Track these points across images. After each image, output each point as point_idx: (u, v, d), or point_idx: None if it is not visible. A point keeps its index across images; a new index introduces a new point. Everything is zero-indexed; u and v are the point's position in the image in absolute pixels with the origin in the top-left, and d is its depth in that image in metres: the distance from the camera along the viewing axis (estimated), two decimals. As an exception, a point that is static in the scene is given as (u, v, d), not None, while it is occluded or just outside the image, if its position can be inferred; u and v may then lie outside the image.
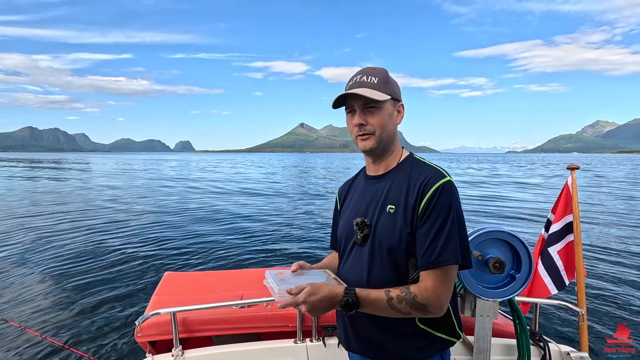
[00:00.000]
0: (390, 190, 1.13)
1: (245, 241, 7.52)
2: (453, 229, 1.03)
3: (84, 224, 9.09)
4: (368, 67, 1.15)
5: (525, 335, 1.68)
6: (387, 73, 1.15)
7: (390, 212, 1.10)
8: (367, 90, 1.08)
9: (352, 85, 1.12)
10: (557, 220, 1.96)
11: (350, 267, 1.19)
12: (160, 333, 1.74)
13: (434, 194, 1.03)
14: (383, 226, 1.10)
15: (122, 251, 6.58)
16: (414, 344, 1.10)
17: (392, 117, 1.13)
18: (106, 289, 4.76)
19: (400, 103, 1.17)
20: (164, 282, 2.23)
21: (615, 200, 13.72)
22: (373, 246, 1.11)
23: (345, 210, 1.29)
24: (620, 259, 6.21)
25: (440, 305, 1.03)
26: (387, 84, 1.12)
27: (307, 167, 47.74)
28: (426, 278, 1.03)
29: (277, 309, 1.83)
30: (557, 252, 1.95)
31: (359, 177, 1.31)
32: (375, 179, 1.20)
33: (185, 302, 1.87)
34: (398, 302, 1.02)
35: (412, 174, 1.11)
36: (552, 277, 1.96)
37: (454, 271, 1.05)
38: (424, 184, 1.05)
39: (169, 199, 14.41)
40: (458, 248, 1.03)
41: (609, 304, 4.45)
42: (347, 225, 1.22)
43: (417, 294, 1.02)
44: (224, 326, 1.80)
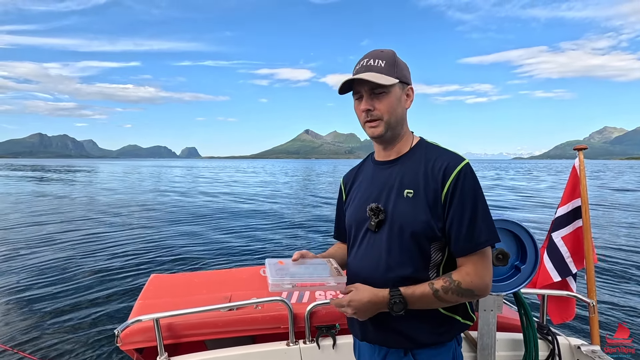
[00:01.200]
0: (406, 174, 1.09)
1: (234, 240, 7.45)
2: (480, 212, 1.02)
3: (69, 228, 8.97)
4: (375, 50, 1.12)
5: (532, 329, 1.60)
6: (395, 55, 1.11)
7: (408, 196, 1.06)
8: (374, 75, 1.05)
9: (359, 69, 1.09)
10: (563, 204, 1.85)
11: (364, 255, 1.13)
12: (145, 340, 1.66)
13: (457, 178, 1.02)
14: (402, 211, 1.06)
15: (108, 254, 6.45)
16: (435, 328, 1.08)
17: (400, 101, 1.10)
18: (91, 294, 4.59)
19: (410, 86, 1.13)
20: (149, 285, 2.16)
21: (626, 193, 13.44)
22: (391, 232, 1.07)
23: (353, 198, 1.23)
24: (632, 246, 6.01)
25: (486, 286, 1.02)
26: (396, 66, 1.08)
27: (309, 174, 47.84)
28: (466, 262, 1.03)
29: (268, 310, 1.77)
30: (561, 238, 1.84)
31: (366, 164, 1.27)
32: (387, 164, 1.16)
33: (171, 305, 1.79)
34: (444, 293, 1.01)
35: (428, 157, 1.08)
36: (555, 263, 1.85)
37: (489, 252, 1.05)
38: (445, 168, 1.03)
39: (159, 201, 14.43)
40: (489, 229, 1.02)
41: (621, 294, 4.28)
42: (358, 212, 1.17)
43: (461, 280, 1.01)
44: (211, 330, 1.72)
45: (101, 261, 6.02)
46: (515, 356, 1.71)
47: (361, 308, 1.02)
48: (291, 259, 1.15)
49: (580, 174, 1.79)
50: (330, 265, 1.13)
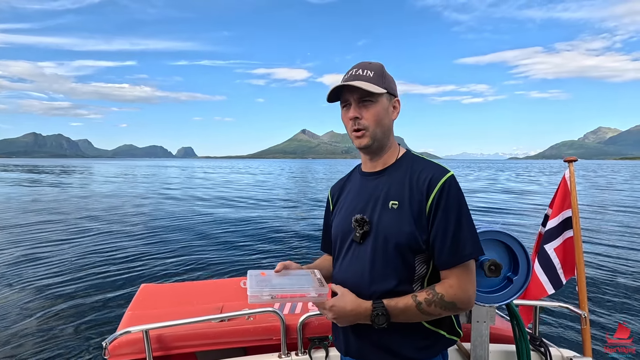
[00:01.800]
0: (392, 186, 1.10)
1: (226, 250, 7.33)
2: (464, 224, 1.03)
3: (57, 235, 8.76)
4: (364, 62, 1.13)
5: (524, 341, 1.59)
6: (383, 67, 1.13)
7: (393, 207, 1.06)
8: (363, 83, 1.06)
9: (347, 78, 1.10)
10: (554, 216, 1.85)
11: (348, 267, 1.13)
12: (134, 352, 1.63)
13: (441, 190, 1.02)
14: (387, 223, 1.06)
15: (97, 263, 6.29)
16: (418, 342, 1.07)
17: (387, 112, 1.11)
18: (79, 303, 4.47)
19: (396, 99, 1.14)
20: (139, 296, 2.12)
21: (616, 197, 13.55)
22: (376, 243, 1.07)
23: (340, 208, 1.24)
24: (624, 257, 6.05)
25: (469, 299, 1.03)
26: (384, 78, 1.10)
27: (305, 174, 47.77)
28: (450, 275, 1.03)
29: (260, 322, 1.74)
30: (553, 250, 1.83)
31: (353, 175, 1.27)
32: (373, 175, 1.16)
33: (161, 317, 1.76)
34: (427, 306, 1.00)
35: (414, 169, 1.09)
36: (549, 275, 1.84)
37: (473, 265, 1.05)
38: (429, 179, 1.04)
39: (149, 208, 14.24)
40: (473, 242, 1.03)
41: (613, 305, 4.29)
42: (343, 223, 1.17)
43: (444, 293, 1.00)
44: (202, 342, 1.70)
45: (90, 269, 5.88)
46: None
47: (342, 315, 1.02)
48: (274, 270, 1.13)
49: (571, 185, 1.79)
50: (313, 276, 1.11)
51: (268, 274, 1.11)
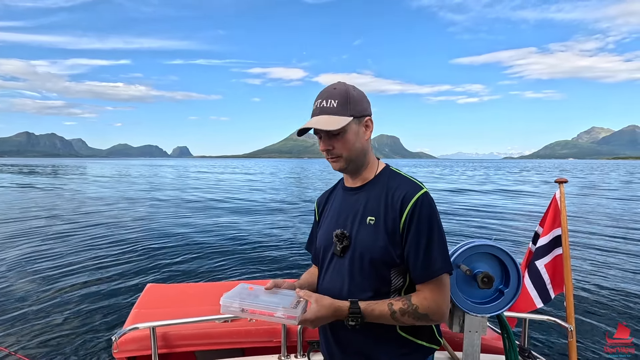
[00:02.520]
0: (369, 201, 1.14)
1: (232, 252, 7.37)
2: (440, 239, 1.06)
3: (61, 234, 8.83)
4: (328, 88, 1.14)
5: (514, 352, 1.64)
6: (348, 90, 1.12)
7: (370, 223, 1.11)
8: (325, 120, 1.09)
9: (314, 111, 1.13)
10: (545, 234, 1.93)
11: (330, 280, 1.19)
12: (139, 348, 1.69)
13: (414, 207, 1.06)
14: (363, 237, 1.11)
15: (103, 262, 6.38)
16: (396, 350, 1.11)
17: (358, 136, 1.13)
18: (86, 302, 4.58)
19: (367, 117, 1.15)
20: (145, 295, 2.17)
21: (606, 209, 13.74)
22: (353, 257, 1.12)
23: (323, 221, 1.29)
24: (610, 272, 6.18)
25: (442, 312, 1.06)
26: (348, 104, 1.11)
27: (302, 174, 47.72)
28: (424, 289, 1.07)
29: (261, 324, 1.79)
30: (544, 266, 1.92)
31: (337, 188, 1.31)
32: (353, 190, 1.21)
33: (166, 315, 1.81)
34: (401, 315, 1.05)
35: (390, 186, 1.13)
36: (538, 290, 1.93)
37: (447, 278, 1.09)
38: (402, 197, 1.07)
39: (153, 208, 14.23)
40: (445, 257, 1.06)
41: (599, 319, 4.41)
42: (326, 236, 1.23)
43: (419, 304, 1.05)
44: (206, 341, 1.75)
45: (96, 270, 5.97)
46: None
47: (318, 323, 1.04)
48: (265, 286, 1.16)
49: (561, 205, 1.87)
50: (295, 298, 1.10)
51: (256, 289, 1.14)
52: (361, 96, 1.15)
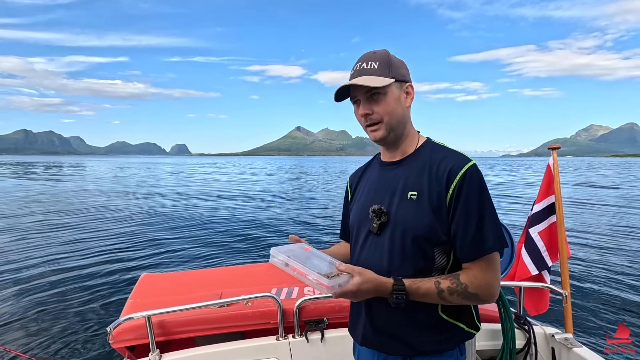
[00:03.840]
0: (410, 176, 1.06)
1: (224, 239, 7.44)
2: (487, 215, 0.98)
3: (56, 226, 8.86)
4: (368, 53, 1.09)
5: (509, 320, 1.67)
6: (389, 54, 1.08)
7: (412, 198, 1.03)
8: (367, 79, 1.03)
9: (352, 74, 1.08)
10: (539, 201, 1.95)
11: (366, 258, 1.11)
12: (137, 337, 1.69)
13: (461, 181, 0.98)
14: (405, 214, 1.03)
15: (97, 253, 6.39)
16: (437, 336, 1.04)
17: (399, 101, 1.06)
18: (81, 293, 4.57)
19: (408, 84, 1.09)
20: (140, 284, 2.17)
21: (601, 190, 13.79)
22: (394, 235, 1.04)
23: (358, 198, 1.22)
24: (604, 242, 6.24)
25: (493, 292, 0.99)
26: (390, 66, 1.05)
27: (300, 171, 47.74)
28: (473, 267, 0.99)
29: (258, 306, 1.80)
30: (537, 233, 1.93)
31: (372, 164, 1.25)
32: (392, 165, 1.13)
33: (162, 304, 1.81)
34: (449, 295, 0.98)
35: (434, 159, 1.05)
36: (533, 257, 1.94)
37: (498, 257, 1.01)
38: (449, 170, 1.00)
39: (146, 200, 14.28)
40: (497, 234, 0.99)
41: (592, 285, 4.47)
42: (361, 213, 1.15)
43: (468, 284, 0.97)
44: (202, 327, 1.76)
45: (90, 261, 5.97)
46: (494, 345, 1.79)
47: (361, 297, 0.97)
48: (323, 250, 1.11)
49: (554, 171, 1.88)
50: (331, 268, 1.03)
51: (312, 251, 1.07)
52: (401, 62, 1.10)
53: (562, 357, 1.73)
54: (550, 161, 1.90)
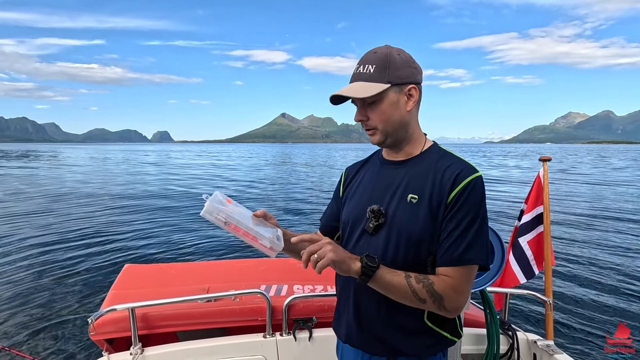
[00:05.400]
0: (412, 179, 1.04)
1: (211, 231, 7.32)
2: (481, 228, 0.97)
3: (34, 215, 8.62)
4: (369, 53, 1.04)
5: (495, 325, 1.70)
6: (388, 55, 1.01)
7: (412, 201, 1.01)
8: (357, 87, 1.00)
9: (351, 77, 1.05)
10: (528, 211, 1.98)
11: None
12: (117, 330, 1.64)
13: (465, 188, 0.96)
14: (404, 216, 1.01)
15: (78, 243, 6.25)
16: (421, 341, 1.05)
17: (397, 106, 1.02)
18: (61, 286, 4.48)
19: (410, 86, 1.02)
20: (123, 276, 2.10)
21: (585, 192, 14.30)
22: (389, 237, 1.02)
23: (353, 193, 1.17)
24: (588, 251, 6.48)
25: (458, 303, 0.96)
26: (387, 69, 1.00)
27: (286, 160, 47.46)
28: (447, 273, 0.97)
29: (246, 303, 1.77)
30: (527, 242, 1.97)
31: (372, 160, 1.21)
32: (394, 164, 1.10)
33: (145, 296, 1.76)
34: (416, 282, 0.95)
35: (439, 165, 1.02)
36: (521, 266, 1.99)
37: (474, 271, 0.98)
38: (455, 176, 0.97)
39: (128, 187, 14.00)
40: (482, 249, 0.96)
41: (575, 294, 4.64)
42: (357, 210, 1.11)
43: (435, 282, 0.95)
44: (188, 321, 1.71)
45: (71, 251, 5.82)
46: (478, 350, 1.82)
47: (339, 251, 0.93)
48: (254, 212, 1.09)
49: (544, 182, 1.91)
50: (275, 231, 1.07)
51: (233, 204, 1.07)
52: (405, 61, 1.02)
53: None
54: (540, 172, 1.92)
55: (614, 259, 6.00)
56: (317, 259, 0.90)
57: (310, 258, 0.90)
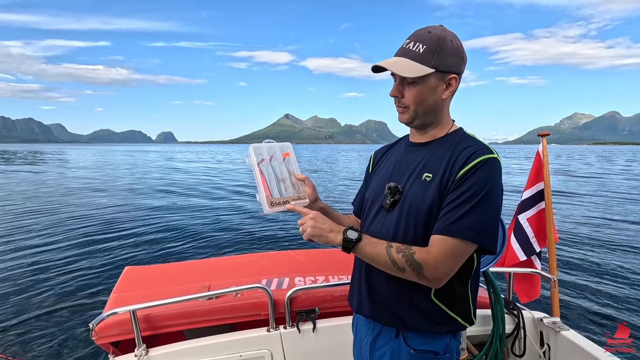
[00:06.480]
0: (431, 159, 1.05)
1: (210, 230, 7.33)
2: (479, 205, 0.93)
3: (35, 217, 8.60)
4: (423, 29, 1.02)
5: (499, 305, 1.69)
6: (442, 39, 0.99)
7: (426, 180, 1.02)
8: (402, 64, 0.99)
9: (398, 50, 1.03)
10: (528, 188, 1.96)
11: (374, 232, 1.11)
12: (122, 333, 1.64)
13: (475, 166, 0.95)
14: (416, 194, 1.02)
15: (78, 246, 6.20)
16: (428, 317, 1.05)
17: (434, 92, 1.01)
18: (61, 288, 4.42)
19: (452, 76, 1.01)
20: (124, 278, 2.10)
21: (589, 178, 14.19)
22: (401, 212, 1.04)
23: (378, 172, 1.22)
24: (592, 228, 6.42)
25: (437, 272, 0.94)
26: (437, 53, 0.98)
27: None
28: (434, 243, 0.96)
29: (248, 298, 1.77)
30: (526, 220, 1.95)
31: (399, 142, 1.24)
32: (417, 146, 1.12)
33: (147, 297, 1.76)
34: (396, 252, 0.97)
35: (458, 147, 1.02)
36: (521, 243, 1.97)
37: (464, 248, 0.95)
38: (469, 155, 0.97)
39: (130, 189, 14.01)
40: (477, 226, 0.93)
41: (580, 270, 4.61)
42: (377, 187, 1.15)
43: (417, 252, 0.96)
44: (191, 320, 1.71)
45: (71, 253, 5.80)
46: (484, 330, 1.82)
47: (320, 224, 1.02)
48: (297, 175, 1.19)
49: (544, 159, 1.89)
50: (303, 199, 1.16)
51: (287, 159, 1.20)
52: (456, 50, 1.01)
53: (550, 341, 1.76)
54: (539, 148, 1.91)
55: (616, 232, 5.94)
56: (302, 231, 1.03)
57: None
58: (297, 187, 1.18)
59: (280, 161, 1.18)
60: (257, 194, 1.10)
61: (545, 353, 1.77)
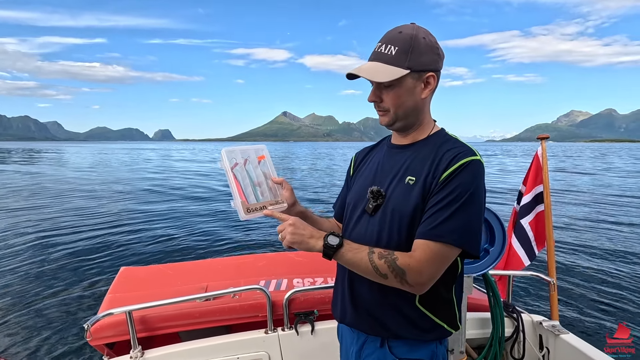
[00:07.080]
0: (414, 161, 1.04)
1: (209, 230, 7.30)
2: (463, 208, 0.92)
3: (29, 216, 8.53)
4: (393, 31, 1.00)
5: (499, 309, 1.69)
6: (414, 38, 0.97)
7: (409, 183, 1.01)
8: (374, 68, 0.98)
9: (371, 55, 1.02)
10: (527, 192, 1.96)
11: (357, 237, 1.09)
12: (116, 334, 1.62)
13: (458, 168, 0.94)
14: (399, 197, 1.01)
15: (72, 247, 6.13)
16: (414, 326, 1.04)
17: (413, 92, 1.00)
18: (55, 288, 4.38)
19: (429, 74, 1.00)
20: (119, 278, 2.08)
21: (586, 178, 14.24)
22: (384, 217, 1.03)
23: (359, 175, 1.20)
24: (590, 231, 6.44)
25: (421, 279, 0.93)
26: (410, 53, 0.96)
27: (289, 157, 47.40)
28: (417, 248, 0.94)
29: (246, 299, 1.75)
30: (528, 224, 1.95)
31: (381, 144, 1.22)
32: (399, 148, 1.11)
33: (143, 298, 1.73)
34: (378, 258, 0.95)
35: (441, 149, 1.01)
36: (525, 248, 1.96)
37: (448, 252, 0.93)
38: (452, 157, 0.96)
39: (126, 188, 13.94)
40: (460, 229, 0.92)
41: (578, 273, 4.63)
42: (360, 191, 1.13)
43: (399, 257, 0.93)
44: (187, 321, 1.70)
45: (66, 253, 5.74)
46: (483, 334, 1.82)
47: (298, 232, 0.99)
48: (273, 178, 1.16)
49: (543, 161, 1.89)
50: (279, 205, 1.12)
51: (262, 162, 1.15)
52: (429, 47, 0.99)
53: (549, 344, 1.76)
54: (538, 151, 1.90)
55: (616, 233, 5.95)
56: (281, 238, 1.00)
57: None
58: (274, 191, 1.15)
59: (256, 164, 1.13)
60: (232, 201, 1.06)
61: (544, 356, 1.77)
